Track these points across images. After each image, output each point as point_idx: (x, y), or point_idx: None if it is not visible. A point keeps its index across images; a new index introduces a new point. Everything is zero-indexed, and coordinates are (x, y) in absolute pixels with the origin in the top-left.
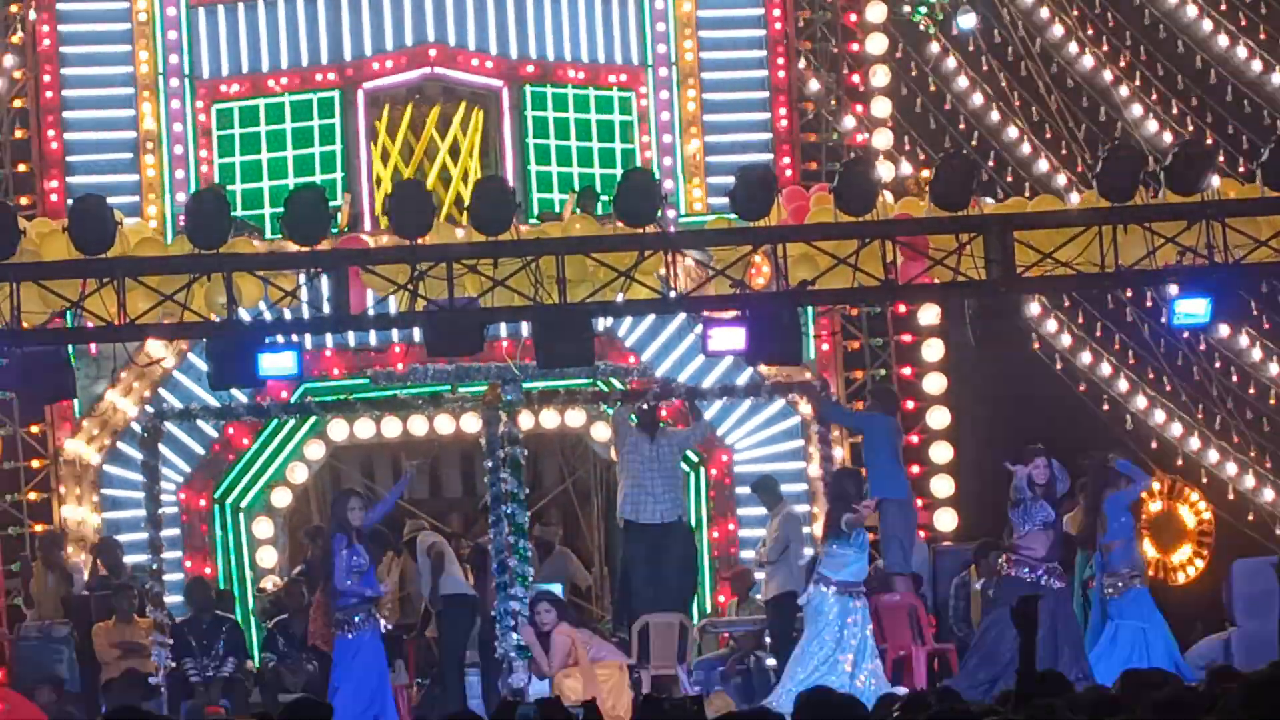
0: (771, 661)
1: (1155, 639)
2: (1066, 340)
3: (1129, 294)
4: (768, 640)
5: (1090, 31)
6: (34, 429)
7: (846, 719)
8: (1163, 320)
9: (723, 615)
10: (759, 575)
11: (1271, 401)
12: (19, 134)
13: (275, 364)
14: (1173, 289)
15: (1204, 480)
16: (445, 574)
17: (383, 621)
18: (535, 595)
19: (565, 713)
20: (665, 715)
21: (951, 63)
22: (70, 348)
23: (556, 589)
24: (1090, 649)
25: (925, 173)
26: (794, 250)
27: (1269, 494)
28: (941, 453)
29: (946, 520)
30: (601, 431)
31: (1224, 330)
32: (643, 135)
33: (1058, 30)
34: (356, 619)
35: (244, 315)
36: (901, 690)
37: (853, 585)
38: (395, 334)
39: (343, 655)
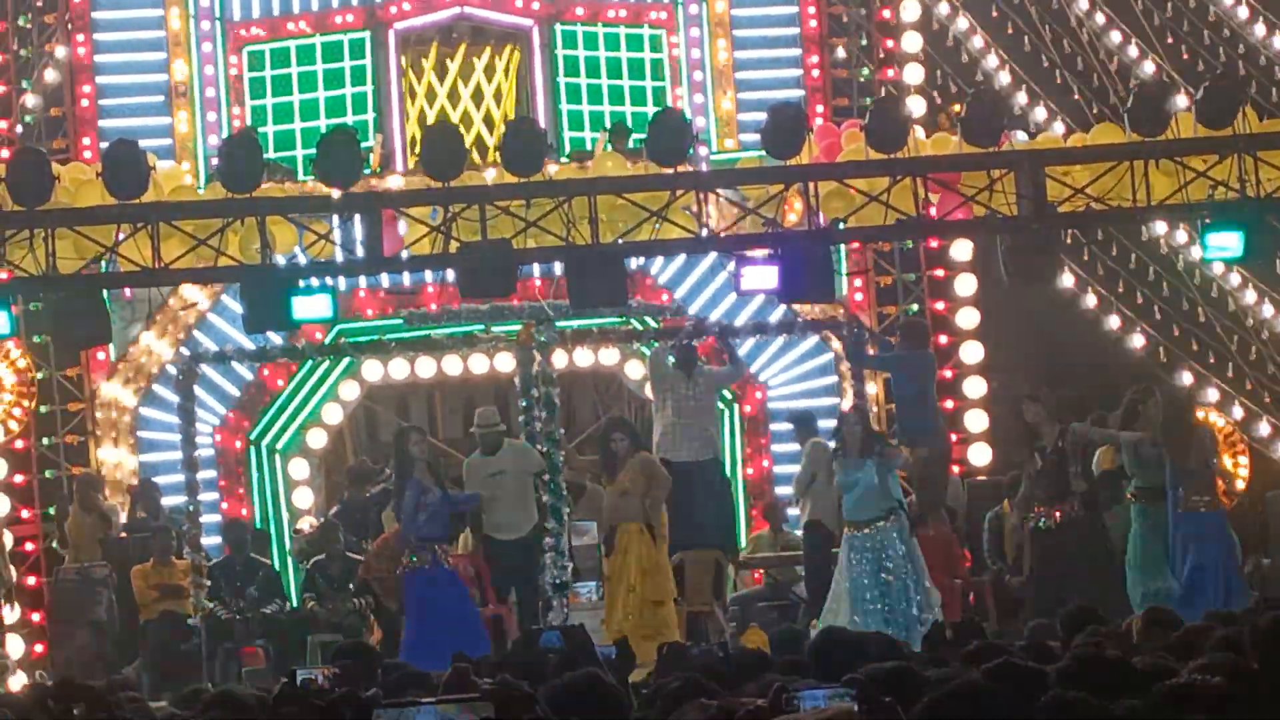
0: (799, 589)
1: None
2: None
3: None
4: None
5: None
6: (70, 372)
7: (857, 659)
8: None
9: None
10: (792, 511)
11: None
12: (51, 78)
13: (309, 307)
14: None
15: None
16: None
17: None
18: (609, 422)
19: (589, 641)
20: (690, 663)
21: None
22: (105, 292)
23: (592, 527)
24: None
25: (957, 107)
26: (826, 187)
27: None
28: (975, 387)
29: (980, 454)
30: (635, 369)
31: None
32: (672, 51)
33: None
34: (415, 558)
35: (279, 260)
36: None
37: (853, 521)
38: (429, 275)
39: (408, 591)
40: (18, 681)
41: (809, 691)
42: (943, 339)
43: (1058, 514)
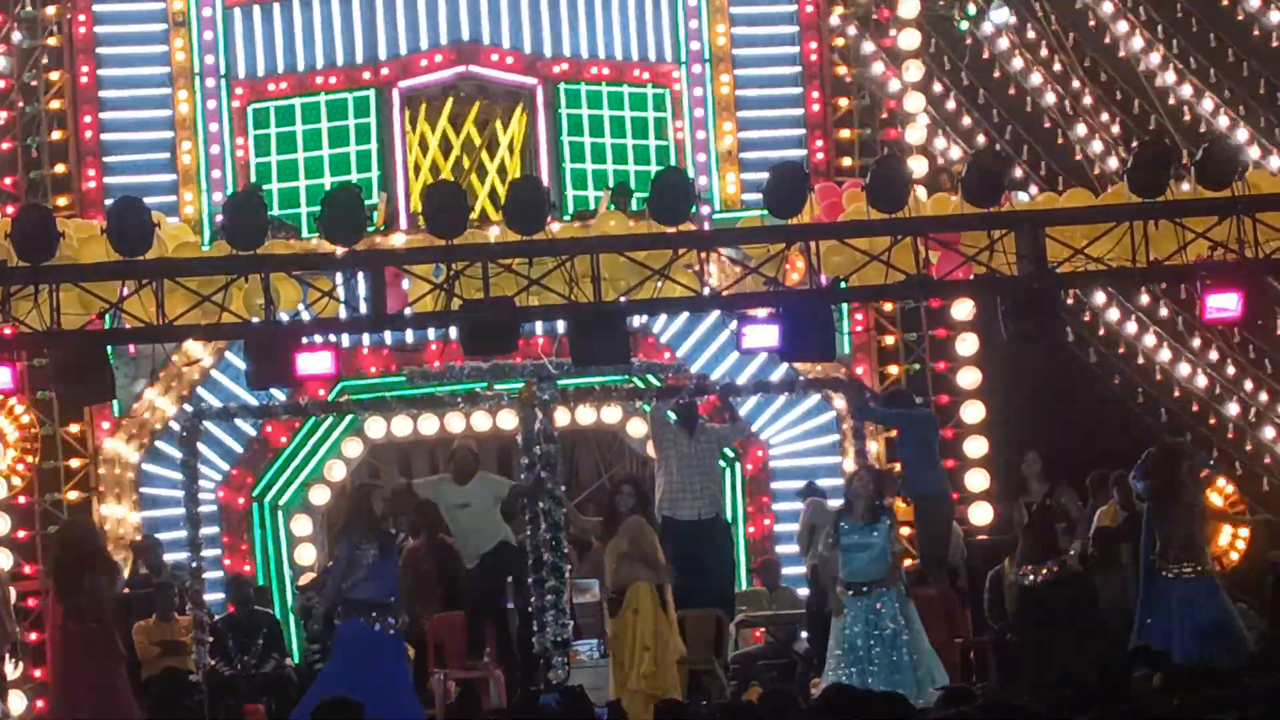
0: (804, 636)
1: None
2: (1131, 328)
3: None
4: (803, 635)
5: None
6: (73, 428)
7: (867, 715)
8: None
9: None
10: (788, 569)
11: None
12: (57, 135)
13: (313, 364)
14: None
15: (1248, 448)
16: None
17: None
18: (623, 477)
19: (586, 702)
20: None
21: (987, 52)
22: (109, 348)
23: (594, 585)
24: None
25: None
26: (826, 244)
27: None
28: (976, 447)
29: (981, 514)
30: (637, 427)
31: None
32: (676, 131)
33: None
34: (365, 616)
35: (282, 317)
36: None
37: (853, 583)
38: (431, 332)
39: (340, 639)
40: None
41: None
42: (943, 399)
43: (1044, 572)
